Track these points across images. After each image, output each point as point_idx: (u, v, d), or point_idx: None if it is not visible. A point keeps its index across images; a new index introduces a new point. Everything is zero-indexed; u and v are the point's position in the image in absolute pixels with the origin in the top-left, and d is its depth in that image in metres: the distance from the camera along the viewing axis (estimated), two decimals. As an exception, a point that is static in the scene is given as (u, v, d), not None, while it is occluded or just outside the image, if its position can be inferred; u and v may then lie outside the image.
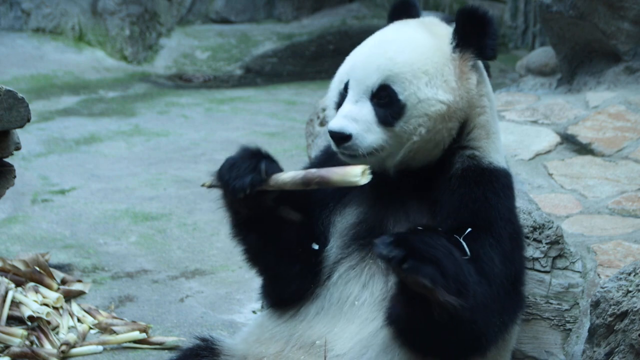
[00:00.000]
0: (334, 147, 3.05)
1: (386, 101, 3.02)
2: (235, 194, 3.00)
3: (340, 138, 2.99)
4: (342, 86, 3.12)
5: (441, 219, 3.04)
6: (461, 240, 2.94)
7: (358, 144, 2.99)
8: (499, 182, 3.14)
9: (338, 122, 3.00)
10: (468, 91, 3.09)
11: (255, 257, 3.26)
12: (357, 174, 2.91)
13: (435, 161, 3.10)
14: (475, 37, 3.09)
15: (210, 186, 3.12)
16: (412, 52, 3.04)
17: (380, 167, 3.06)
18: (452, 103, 3.04)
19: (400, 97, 3.01)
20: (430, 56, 3.04)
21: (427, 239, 2.79)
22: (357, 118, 3.00)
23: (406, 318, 2.96)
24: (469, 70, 3.10)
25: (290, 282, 3.20)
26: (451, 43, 3.09)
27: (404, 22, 3.21)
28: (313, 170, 3.01)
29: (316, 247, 3.14)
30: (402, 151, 3.05)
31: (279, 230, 3.14)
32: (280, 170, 3.04)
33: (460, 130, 3.10)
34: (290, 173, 3.02)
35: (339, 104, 3.11)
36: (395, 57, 3.03)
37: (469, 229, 2.96)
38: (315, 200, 3.21)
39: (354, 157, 3.02)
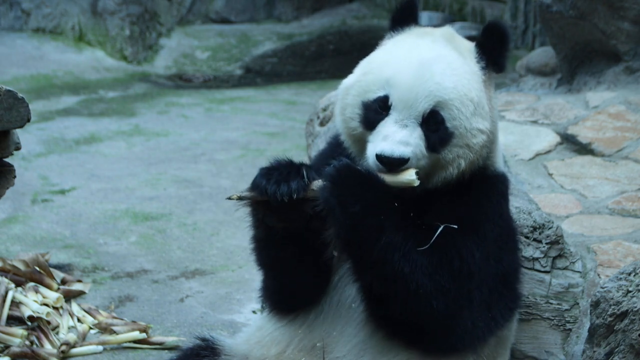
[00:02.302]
0: (376, 167, 2.95)
1: (435, 127, 2.99)
2: (279, 198, 2.88)
3: (397, 164, 2.93)
4: (373, 100, 3.03)
5: (432, 218, 3.02)
6: (438, 224, 2.94)
7: (409, 166, 2.95)
8: (495, 188, 3.15)
9: (396, 148, 2.93)
10: (493, 110, 3.11)
11: (279, 270, 3.16)
12: (411, 174, 2.91)
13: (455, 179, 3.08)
14: (497, 55, 3.10)
15: (239, 198, 2.96)
16: (456, 76, 3.00)
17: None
18: (489, 130, 3.04)
19: (448, 124, 2.98)
20: (470, 80, 3.02)
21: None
22: (409, 142, 2.95)
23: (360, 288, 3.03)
24: (493, 88, 3.12)
25: (304, 292, 3.17)
26: (478, 62, 3.09)
27: (427, 34, 3.13)
28: None
29: (335, 253, 3.04)
30: (433, 177, 3.04)
31: (312, 244, 3.03)
32: (318, 177, 2.96)
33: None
34: None
35: (367, 120, 3.03)
36: (443, 82, 2.97)
37: (454, 226, 2.96)
38: None
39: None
